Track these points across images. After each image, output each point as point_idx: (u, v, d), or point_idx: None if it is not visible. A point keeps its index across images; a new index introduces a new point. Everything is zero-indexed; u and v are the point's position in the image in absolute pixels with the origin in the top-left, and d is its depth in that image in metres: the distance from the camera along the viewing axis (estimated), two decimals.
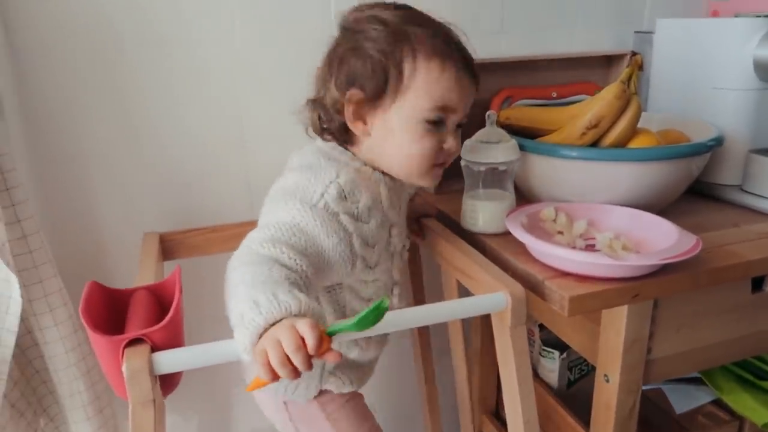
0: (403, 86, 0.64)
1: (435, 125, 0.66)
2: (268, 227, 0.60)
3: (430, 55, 0.64)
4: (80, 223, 0.90)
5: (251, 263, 0.56)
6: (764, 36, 0.83)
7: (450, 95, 0.65)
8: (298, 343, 0.47)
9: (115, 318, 0.60)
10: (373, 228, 0.67)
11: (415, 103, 0.65)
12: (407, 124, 0.66)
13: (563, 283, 0.65)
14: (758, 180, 0.85)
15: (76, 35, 0.83)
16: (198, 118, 0.91)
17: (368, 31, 0.65)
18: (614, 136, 0.78)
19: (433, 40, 0.65)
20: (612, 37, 1.12)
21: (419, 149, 0.67)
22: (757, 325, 0.79)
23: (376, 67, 0.64)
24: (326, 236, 0.62)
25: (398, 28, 0.64)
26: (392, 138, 0.67)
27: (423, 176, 0.70)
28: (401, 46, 0.64)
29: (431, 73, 0.64)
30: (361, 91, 0.65)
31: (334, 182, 0.64)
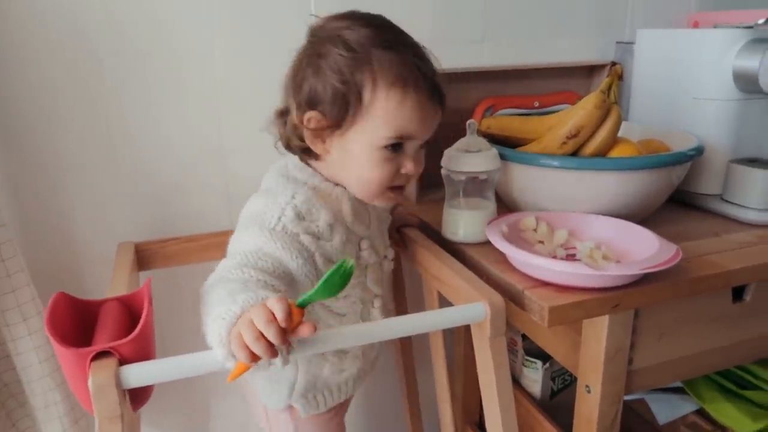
0: (361, 114, 0.64)
1: (393, 151, 0.66)
2: (235, 255, 0.61)
3: (391, 83, 0.63)
4: (55, 232, 0.88)
5: (225, 283, 0.56)
6: (743, 47, 0.84)
7: (409, 124, 0.65)
8: (268, 317, 0.48)
9: (83, 330, 0.58)
10: (337, 244, 0.67)
11: (373, 131, 0.64)
12: (365, 150, 0.65)
13: (543, 293, 0.65)
14: (738, 189, 0.85)
15: (52, 46, 0.82)
16: (176, 127, 0.90)
17: (331, 54, 0.63)
18: (594, 145, 0.78)
19: (396, 66, 0.63)
20: (594, 47, 1.12)
21: (375, 175, 0.67)
22: (739, 334, 0.79)
23: (336, 94, 0.63)
24: (290, 258, 0.62)
25: (362, 53, 0.63)
26: (350, 161, 0.67)
27: (379, 198, 0.70)
28: (362, 73, 0.62)
29: (390, 103, 0.63)
30: (321, 115, 0.64)
31: (290, 204, 0.65)
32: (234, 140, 0.93)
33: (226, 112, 0.92)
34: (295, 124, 0.67)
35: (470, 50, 1.04)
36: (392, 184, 0.68)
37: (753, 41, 0.83)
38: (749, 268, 0.71)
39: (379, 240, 0.76)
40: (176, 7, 0.86)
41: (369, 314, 0.76)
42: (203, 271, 0.61)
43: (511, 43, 1.06)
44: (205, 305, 0.55)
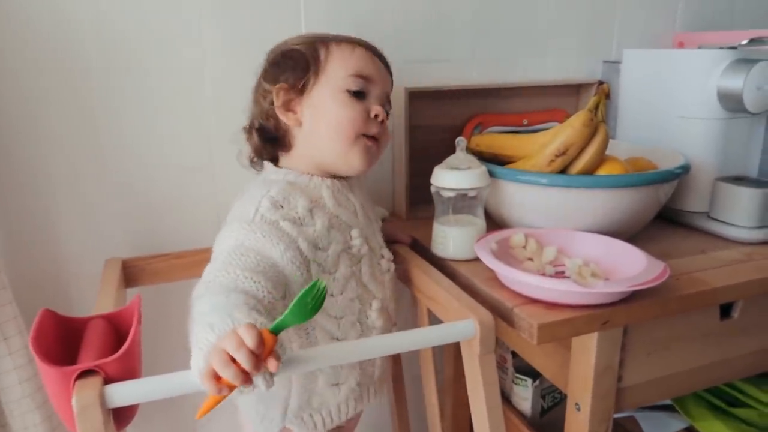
0: (320, 67, 0.70)
1: (357, 96, 0.70)
2: (218, 257, 0.61)
3: (339, 40, 0.72)
4: (42, 248, 0.87)
5: (210, 294, 0.55)
6: (727, 67, 0.85)
7: (365, 66, 0.71)
8: (239, 341, 0.46)
9: (68, 348, 0.57)
10: (320, 229, 0.67)
11: (334, 76, 0.70)
12: (331, 98, 0.70)
13: (532, 310, 0.65)
14: (724, 207, 0.86)
15: (43, 60, 0.81)
16: (166, 143, 0.90)
17: (285, 45, 0.74)
18: (582, 163, 0.79)
19: (340, 36, 0.73)
20: (581, 66, 1.14)
21: (345, 115, 0.69)
22: (727, 351, 0.79)
23: (296, 59, 0.71)
24: (272, 246, 0.62)
25: (313, 36, 0.73)
26: (321, 117, 0.70)
27: (353, 146, 0.70)
28: (313, 40, 0.72)
29: (344, 51, 0.71)
30: (286, 84, 0.70)
31: (266, 196, 0.67)
32: (224, 156, 0.93)
33: (216, 129, 0.92)
34: (266, 111, 0.71)
35: (459, 68, 1.05)
36: (366, 130, 0.71)
37: (737, 62, 0.85)
38: (737, 286, 0.72)
39: (371, 234, 0.76)
40: (168, 23, 0.86)
41: (366, 317, 0.73)
42: (191, 288, 0.60)
43: (499, 62, 1.08)
44: (192, 318, 0.53)
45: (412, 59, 1.01)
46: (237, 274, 0.57)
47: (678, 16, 1.20)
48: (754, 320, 0.79)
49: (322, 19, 0.94)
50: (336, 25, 0.94)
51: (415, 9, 0.99)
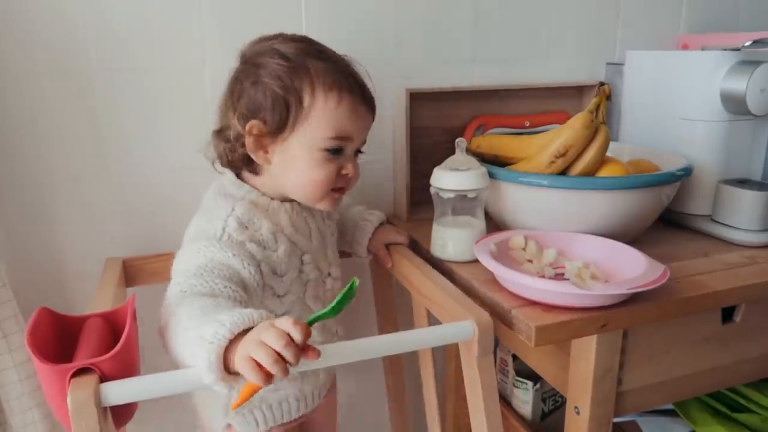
0: (302, 117, 0.66)
1: (333, 153, 0.69)
2: (186, 270, 0.61)
3: (329, 87, 0.66)
4: (43, 246, 0.88)
5: (195, 299, 0.55)
6: (730, 69, 0.85)
7: (347, 125, 0.68)
8: (286, 338, 0.48)
9: (65, 346, 0.57)
10: (282, 255, 0.68)
11: (314, 134, 0.67)
12: (307, 153, 0.68)
13: (530, 312, 0.64)
14: (727, 210, 0.85)
15: (44, 61, 0.82)
16: (168, 143, 0.90)
17: (269, 64, 0.67)
18: (582, 165, 0.78)
19: (332, 73, 0.67)
20: (584, 67, 1.13)
21: (319, 176, 0.69)
22: (729, 356, 0.78)
23: (276, 100, 0.66)
24: (242, 266, 0.63)
25: (298, 62, 0.67)
26: (292, 165, 0.69)
27: (322, 200, 0.71)
28: (301, 79, 0.66)
29: (328, 104, 0.66)
30: (262, 123, 0.67)
31: (231, 215, 0.66)
32: None
33: None
34: (237, 136, 0.68)
35: (461, 70, 1.04)
36: (335, 185, 0.71)
37: (740, 63, 0.84)
38: (738, 289, 0.71)
39: (321, 255, 0.76)
40: (168, 23, 0.86)
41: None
42: None
43: (501, 63, 1.07)
44: (173, 326, 0.54)
45: (413, 60, 1.01)
46: (216, 282, 0.58)
47: (682, 17, 1.19)
48: (757, 324, 0.78)
49: (324, 19, 0.94)
50: (337, 27, 0.94)
51: (416, 9, 0.99)
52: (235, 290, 0.59)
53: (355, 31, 0.96)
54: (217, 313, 0.51)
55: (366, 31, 0.97)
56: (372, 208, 0.96)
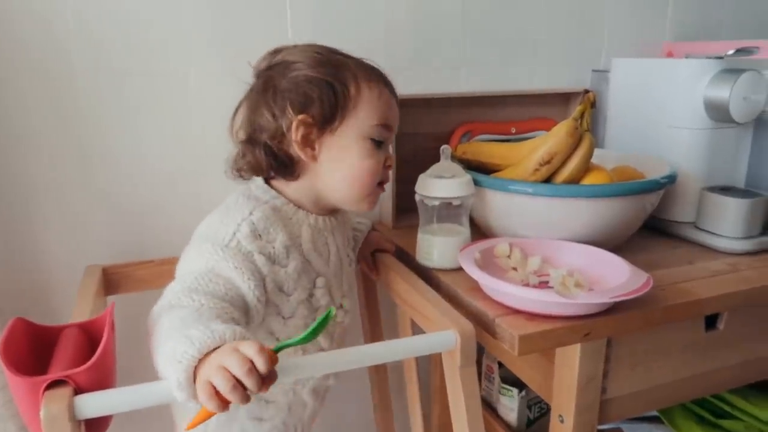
0: (350, 107, 0.66)
1: (378, 145, 0.69)
2: (186, 277, 0.59)
3: (368, 78, 0.68)
4: (22, 254, 0.86)
5: (178, 309, 0.54)
6: (714, 77, 0.85)
7: (389, 114, 0.69)
8: (249, 365, 0.46)
9: (41, 358, 0.56)
10: (291, 272, 0.65)
11: (363, 122, 0.67)
12: (356, 143, 0.67)
13: (513, 321, 0.64)
14: (711, 217, 0.85)
15: (26, 63, 0.81)
16: (152, 148, 0.89)
17: (304, 60, 0.66)
18: (567, 172, 0.78)
19: (365, 67, 0.69)
20: (570, 74, 1.13)
21: (370, 165, 0.68)
22: (713, 363, 0.78)
23: (324, 87, 0.65)
24: (242, 280, 0.60)
25: (332, 57, 0.68)
26: (341, 159, 0.67)
27: (367, 197, 0.70)
28: (343, 71, 0.67)
29: (373, 93, 0.67)
30: (310, 116, 0.65)
31: (247, 220, 0.63)
32: (207, 163, 0.92)
33: (199, 135, 0.91)
34: (279, 137, 0.66)
35: (448, 76, 1.04)
36: (380, 178, 0.70)
37: (723, 71, 0.85)
38: (722, 296, 0.71)
39: (336, 283, 0.74)
40: (152, 29, 0.86)
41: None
42: None
43: (488, 70, 1.07)
44: (155, 335, 0.53)
45: (399, 67, 1.00)
46: (202, 302, 0.55)
47: (667, 25, 1.20)
48: (740, 331, 0.78)
49: (309, 26, 0.93)
50: (323, 33, 0.94)
51: (402, 16, 0.99)
52: (225, 309, 0.56)
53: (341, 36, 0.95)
54: (192, 327, 0.49)
55: (353, 37, 0.96)
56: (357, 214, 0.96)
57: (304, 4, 0.92)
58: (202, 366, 0.47)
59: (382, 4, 0.97)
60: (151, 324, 0.55)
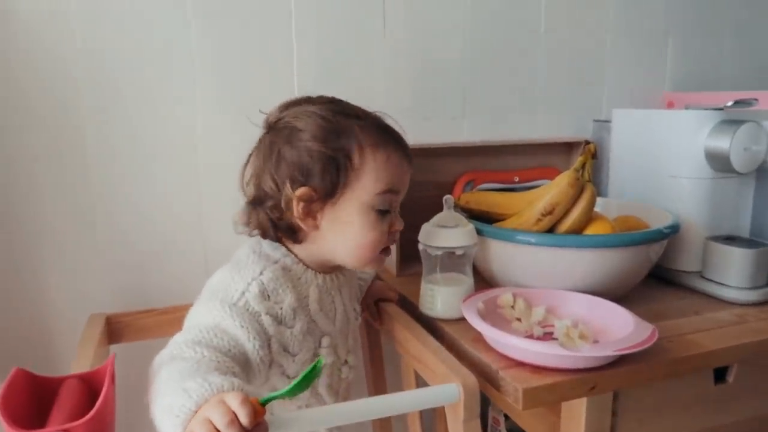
0: (353, 177, 0.65)
1: (383, 213, 0.67)
2: (191, 330, 0.59)
3: (375, 144, 0.66)
4: (25, 302, 0.87)
5: (179, 361, 0.54)
6: (714, 128, 0.86)
7: (395, 178, 0.67)
8: (230, 417, 0.45)
9: (41, 409, 0.56)
10: (297, 333, 0.65)
11: (366, 191, 0.65)
12: (358, 215, 0.66)
13: (517, 373, 0.63)
14: (717, 267, 0.85)
15: (32, 113, 0.83)
16: (155, 197, 0.91)
17: (309, 127, 0.65)
18: (569, 222, 0.79)
19: (374, 129, 0.67)
20: (572, 124, 1.15)
21: (372, 237, 0.67)
22: (724, 417, 0.76)
23: (325, 163, 0.64)
24: (247, 339, 0.60)
25: (339, 122, 0.65)
26: (343, 230, 0.66)
27: (373, 262, 0.70)
28: (347, 139, 0.65)
29: (378, 161, 0.66)
30: (311, 189, 0.64)
31: (257, 279, 0.63)
32: (213, 212, 0.94)
33: (205, 185, 0.93)
34: (284, 205, 0.65)
35: (451, 126, 1.06)
36: (386, 245, 0.69)
37: (723, 122, 0.86)
38: (730, 349, 0.70)
39: (342, 340, 0.73)
40: (163, 78, 0.88)
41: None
42: None
43: (491, 120, 1.09)
44: (155, 386, 0.53)
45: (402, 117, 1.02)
46: (204, 354, 0.55)
47: (667, 76, 1.23)
48: (751, 385, 0.76)
49: (315, 78, 0.96)
50: (327, 83, 0.96)
51: (405, 67, 1.01)
52: (226, 364, 0.56)
53: (345, 87, 0.98)
54: (189, 380, 0.49)
55: (356, 87, 0.99)
56: None
57: (309, 55, 0.95)
58: (193, 418, 0.47)
59: (385, 54, 1.00)
60: (152, 374, 0.55)
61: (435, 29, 1.03)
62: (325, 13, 0.95)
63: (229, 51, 0.91)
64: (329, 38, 0.96)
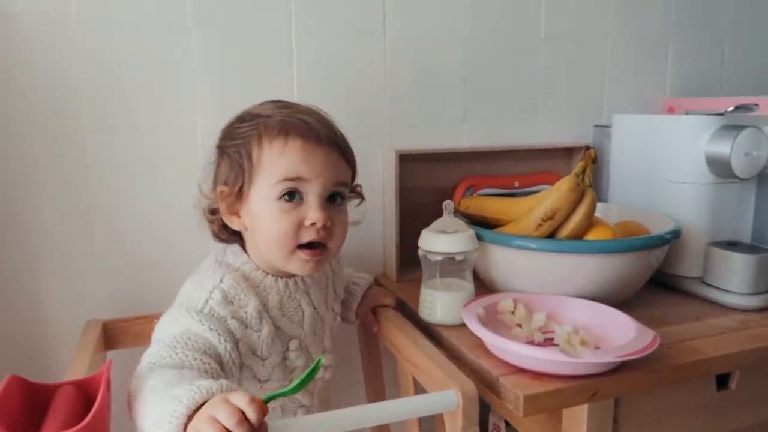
0: (254, 172, 0.65)
1: (291, 202, 0.65)
2: (163, 339, 0.59)
3: (275, 134, 0.65)
4: (20, 309, 0.86)
5: (158, 373, 0.54)
6: (714, 133, 0.86)
7: (296, 166, 0.64)
8: (239, 416, 0.45)
9: (35, 416, 0.55)
10: (265, 337, 0.65)
11: (266, 183, 0.65)
12: (263, 206, 0.65)
13: (518, 380, 0.63)
14: (718, 273, 0.84)
15: (32, 121, 0.83)
16: (154, 204, 0.90)
17: (224, 129, 0.69)
18: (570, 228, 0.78)
19: (279, 122, 0.65)
20: (572, 129, 1.15)
21: (279, 229, 0.64)
22: (726, 424, 0.76)
23: (232, 158, 0.67)
24: (218, 342, 0.61)
25: (251, 120, 0.67)
26: (258, 225, 0.66)
27: (289, 259, 0.66)
28: (251, 135, 0.66)
29: (273, 150, 0.65)
30: (226, 186, 0.67)
31: (218, 287, 0.64)
32: None
33: None
34: (214, 209, 0.69)
35: (451, 132, 1.06)
36: (300, 240, 0.65)
37: (723, 128, 0.86)
38: (732, 355, 0.70)
39: (314, 342, 0.73)
40: (162, 83, 0.88)
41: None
42: None
43: (491, 125, 1.09)
44: (139, 399, 0.52)
45: (402, 122, 1.02)
46: (186, 354, 0.56)
47: (667, 81, 1.22)
48: (753, 391, 0.76)
49: (315, 82, 0.96)
50: (327, 90, 0.96)
51: (405, 72, 1.01)
52: (207, 362, 0.57)
53: (346, 94, 0.98)
54: (177, 387, 0.49)
55: (356, 94, 0.99)
56: (362, 268, 0.96)
57: (309, 62, 0.95)
58: (193, 420, 0.47)
59: (385, 61, 1.00)
60: (133, 390, 0.55)
61: (435, 35, 1.02)
62: (325, 18, 0.95)
63: (229, 55, 0.91)
64: (329, 43, 0.96)
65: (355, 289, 0.85)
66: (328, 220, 0.65)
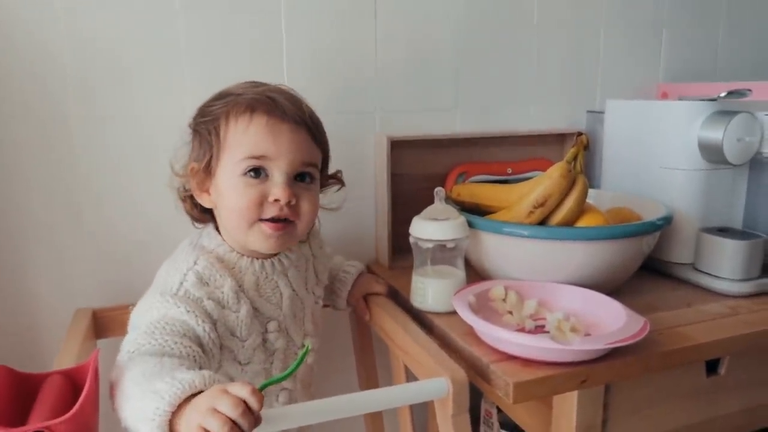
0: (221, 147, 0.66)
1: (256, 178, 0.65)
2: (140, 327, 0.59)
3: (241, 112, 0.65)
4: (12, 297, 0.85)
5: (138, 363, 0.53)
6: (707, 119, 0.85)
7: (261, 143, 0.64)
8: (243, 407, 0.46)
9: (23, 407, 0.55)
10: (244, 317, 0.65)
11: (231, 160, 0.65)
12: (229, 181, 0.65)
13: (508, 367, 0.63)
14: (709, 259, 0.85)
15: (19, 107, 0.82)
16: (144, 190, 0.89)
17: (203, 110, 0.69)
18: (561, 215, 0.78)
19: (248, 99, 0.66)
20: (565, 115, 1.14)
21: (242, 203, 0.64)
22: (716, 409, 0.76)
23: (201, 136, 0.67)
24: (196, 323, 0.60)
25: (224, 97, 0.68)
26: (223, 201, 0.66)
27: (250, 231, 0.66)
28: (220, 113, 0.66)
29: (239, 127, 0.65)
30: (196, 163, 0.67)
31: (192, 269, 0.64)
32: None
33: None
34: (186, 187, 0.69)
35: (443, 118, 1.05)
36: (262, 214, 0.65)
37: (716, 113, 0.85)
38: (722, 341, 0.70)
39: (295, 324, 0.72)
40: (150, 73, 0.87)
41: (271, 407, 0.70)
42: None
43: (483, 111, 1.08)
44: (120, 391, 0.52)
45: (394, 109, 1.01)
46: (165, 339, 0.55)
47: (661, 66, 1.22)
48: (743, 376, 0.76)
49: (306, 67, 0.94)
50: (318, 75, 0.95)
51: (397, 59, 1.00)
52: (188, 346, 0.57)
53: (336, 79, 0.97)
54: (157, 380, 0.48)
55: (348, 80, 0.98)
56: (354, 255, 0.95)
57: (300, 46, 0.94)
58: (186, 414, 0.47)
59: (377, 46, 0.98)
60: (114, 380, 0.54)
61: (427, 20, 1.01)
62: (316, 3, 0.94)
63: (218, 40, 0.89)
64: (319, 27, 0.94)
65: (346, 276, 0.85)
66: (293, 198, 0.65)
